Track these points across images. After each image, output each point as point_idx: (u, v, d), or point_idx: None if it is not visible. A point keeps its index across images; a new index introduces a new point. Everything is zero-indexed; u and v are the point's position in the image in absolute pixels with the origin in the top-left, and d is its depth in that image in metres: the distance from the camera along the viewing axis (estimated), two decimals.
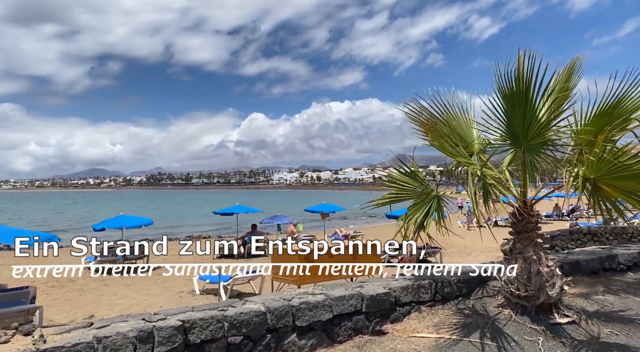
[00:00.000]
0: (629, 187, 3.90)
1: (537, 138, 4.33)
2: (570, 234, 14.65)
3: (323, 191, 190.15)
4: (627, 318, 4.81)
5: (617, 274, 6.50)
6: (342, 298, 4.49)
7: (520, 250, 4.78)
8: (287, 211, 37.31)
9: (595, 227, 14.12)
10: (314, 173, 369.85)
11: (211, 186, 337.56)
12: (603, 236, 13.57)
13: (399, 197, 5.38)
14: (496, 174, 4.23)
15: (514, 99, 4.36)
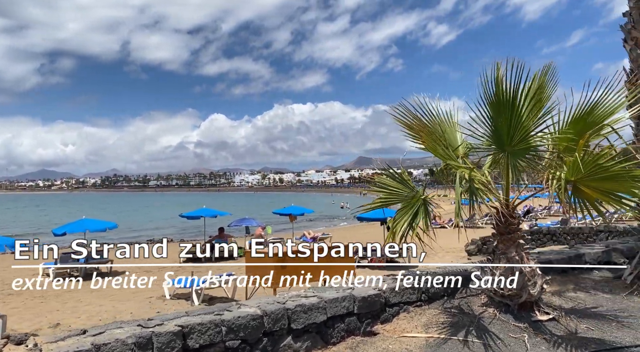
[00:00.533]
0: (608, 187, 4.16)
1: (521, 143, 4.54)
2: (530, 235, 15.34)
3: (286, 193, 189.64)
4: (599, 314, 5.11)
5: (584, 272, 6.86)
6: (336, 300, 4.54)
7: (503, 251, 4.99)
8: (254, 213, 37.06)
9: (554, 227, 14.88)
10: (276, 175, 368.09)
11: (170, 188, 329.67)
12: (561, 236, 14.31)
13: (388, 202, 5.49)
14: (483, 178, 4.40)
15: (499, 105, 4.55)
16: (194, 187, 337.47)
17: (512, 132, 4.58)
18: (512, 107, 4.46)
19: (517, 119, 4.48)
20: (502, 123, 4.63)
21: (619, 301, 5.60)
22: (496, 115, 4.70)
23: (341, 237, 25.05)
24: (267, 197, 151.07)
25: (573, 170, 4.24)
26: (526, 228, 21.01)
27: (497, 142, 4.80)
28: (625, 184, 4.00)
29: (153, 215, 60.91)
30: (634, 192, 4.05)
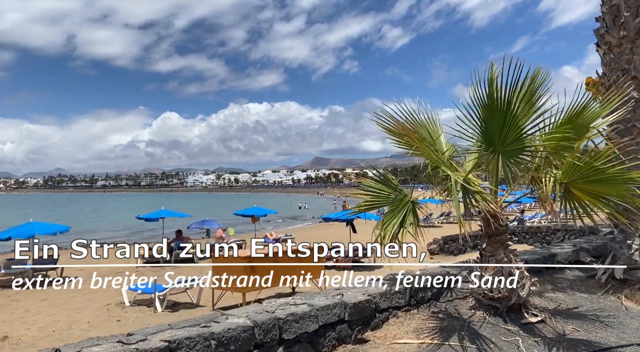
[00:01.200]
0: (598, 190, 4.19)
1: (515, 143, 4.51)
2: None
3: (242, 194, 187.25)
4: (581, 314, 5.17)
5: (557, 272, 6.99)
6: (327, 308, 4.33)
7: (491, 253, 4.95)
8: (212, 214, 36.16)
9: (512, 226, 15.31)
10: (231, 175, 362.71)
11: (119, 189, 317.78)
12: (520, 235, 14.76)
13: (375, 204, 5.35)
14: (479, 182, 4.33)
15: (492, 105, 4.50)
16: (145, 187, 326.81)
17: (505, 132, 4.54)
18: (508, 106, 4.41)
19: (512, 119, 4.44)
20: (495, 123, 4.58)
21: (597, 301, 5.71)
22: (488, 115, 4.64)
23: (304, 237, 24.81)
24: (223, 197, 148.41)
25: (567, 172, 4.25)
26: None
27: (487, 142, 4.75)
28: (617, 187, 4.04)
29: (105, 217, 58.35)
30: (624, 195, 4.10)
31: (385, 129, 5.29)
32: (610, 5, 6.12)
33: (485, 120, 4.71)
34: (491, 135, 4.70)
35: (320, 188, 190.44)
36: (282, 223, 41.72)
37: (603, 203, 4.21)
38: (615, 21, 6.08)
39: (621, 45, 6.04)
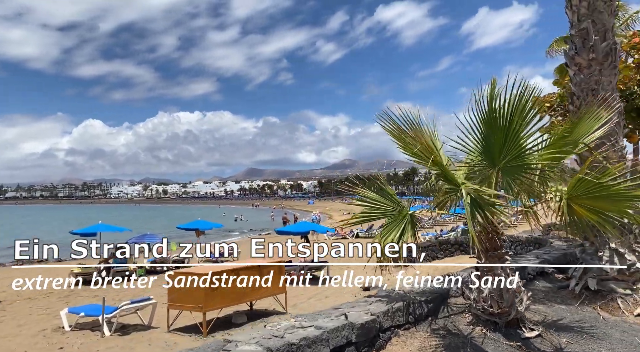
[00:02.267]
0: (598, 206, 4.31)
1: (516, 160, 4.54)
2: (439, 245, 16.16)
3: (171, 206, 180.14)
4: (568, 327, 5.30)
5: (528, 284, 7.20)
6: (336, 330, 4.07)
7: (489, 268, 4.94)
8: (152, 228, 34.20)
9: (461, 238, 15.84)
10: (159, 186, 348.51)
11: (33, 201, 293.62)
12: (468, 246, 15.25)
13: (371, 216, 5.18)
14: (492, 192, 4.29)
15: (494, 122, 4.52)
16: (64, 199, 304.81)
17: (506, 148, 4.56)
18: (510, 123, 4.44)
19: (514, 135, 4.47)
20: (496, 139, 4.60)
21: (576, 312, 5.90)
22: (489, 131, 4.66)
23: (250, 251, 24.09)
24: (153, 209, 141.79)
25: (572, 188, 4.33)
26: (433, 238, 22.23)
27: (487, 157, 4.76)
28: (619, 204, 4.17)
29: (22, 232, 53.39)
30: (624, 211, 4.24)
31: (393, 135, 5.17)
32: (580, 29, 6.47)
33: (485, 136, 4.72)
34: (491, 151, 4.71)
35: (255, 200, 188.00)
36: (216, 236, 40.35)
37: (602, 219, 4.33)
38: (584, 44, 6.44)
39: (590, 66, 6.39)
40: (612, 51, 6.35)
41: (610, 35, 6.38)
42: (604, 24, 6.34)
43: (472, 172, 5.05)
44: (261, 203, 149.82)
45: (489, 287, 4.83)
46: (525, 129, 4.46)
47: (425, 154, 4.59)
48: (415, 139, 5.04)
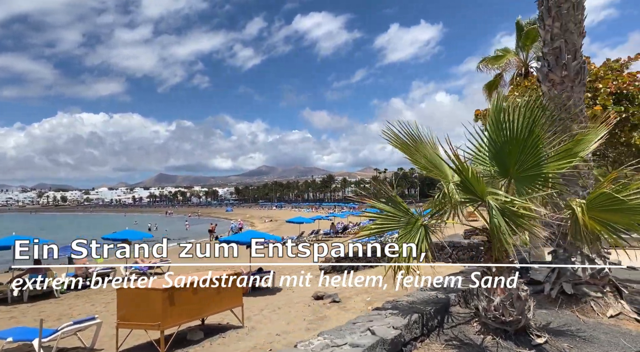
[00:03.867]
0: (609, 218, 4.53)
1: (532, 170, 4.64)
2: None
3: (71, 214, 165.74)
4: (561, 331, 5.49)
5: None
6: (372, 347, 3.84)
7: (496, 275, 4.98)
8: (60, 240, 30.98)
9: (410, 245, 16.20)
10: (57, 193, 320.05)
11: None
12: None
13: (384, 228, 5.02)
14: (525, 204, 4.31)
15: (512, 133, 4.59)
16: None
17: (522, 158, 4.65)
18: (530, 133, 4.53)
19: (533, 145, 4.56)
20: (512, 149, 4.68)
21: (558, 316, 6.17)
22: (503, 141, 4.73)
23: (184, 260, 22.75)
24: (49, 219, 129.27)
25: (592, 200, 4.50)
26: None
27: (500, 167, 4.82)
28: (631, 217, 4.38)
29: None
30: (633, 224, 4.45)
31: (396, 145, 5.09)
32: (553, 48, 6.87)
33: (499, 146, 4.78)
34: (505, 160, 4.78)
35: (168, 207, 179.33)
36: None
37: (609, 231, 4.55)
38: (557, 61, 6.84)
39: (563, 83, 6.80)
40: (582, 70, 6.82)
41: (580, 55, 6.85)
42: (574, 44, 6.79)
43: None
44: (175, 211, 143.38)
45: (501, 296, 4.86)
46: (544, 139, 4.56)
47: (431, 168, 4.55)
48: (419, 151, 5.03)
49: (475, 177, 4.33)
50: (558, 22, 6.80)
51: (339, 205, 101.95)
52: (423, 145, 5.39)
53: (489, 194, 4.38)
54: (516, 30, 17.50)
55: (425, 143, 5.40)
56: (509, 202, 4.30)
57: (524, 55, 17.40)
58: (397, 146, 5.24)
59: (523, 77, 17.02)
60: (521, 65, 17.36)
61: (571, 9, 6.75)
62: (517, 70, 17.51)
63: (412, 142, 5.36)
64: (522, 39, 16.97)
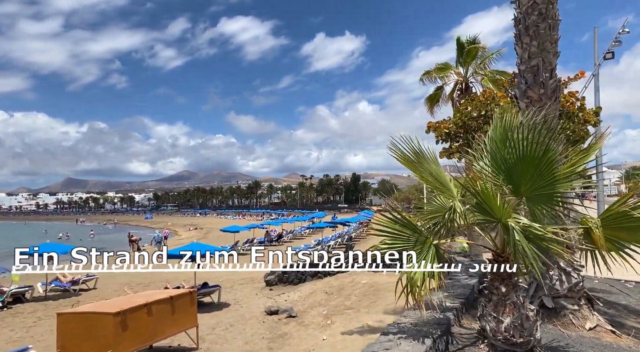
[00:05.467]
0: (616, 235, 4.57)
1: (545, 188, 4.58)
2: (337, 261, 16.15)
3: None
4: (554, 347, 5.54)
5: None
6: None
7: (504, 295, 4.87)
8: None
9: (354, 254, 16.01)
10: None
11: None
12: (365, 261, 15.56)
13: (393, 246, 4.70)
14: (550, 229, 4.18)
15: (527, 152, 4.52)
16: None
17: (535, 177, 4.58)
18: (545, 153, 4.47)
19: (547, 164, 4.51)
20: (524, 168, 4.60)
21: (543, 330, 6.13)
22: (515, 159, 4.65)
23: (110, 274, 20.80)
24: None
25: (604, 218, 4.51)
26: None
27: (511, 185, 4.73)
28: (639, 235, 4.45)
29: None
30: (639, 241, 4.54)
31: (402, 161, 4.85)
32: (531, 65, 7.02)
33: (512, 165, 4.69)
34: (516, 179, 4.70)
35: (78, 214, 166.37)
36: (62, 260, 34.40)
37: (616, 248, 4.61)
38: (535, 79, 7.00)
39: (541, 100, 6.96)
40: (557, 88, 7.04)
41: (555, 73, 7.06)
42: (550, 63, 7.00)
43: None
44: (87, 218, 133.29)
45: (511, 317, 4.75)
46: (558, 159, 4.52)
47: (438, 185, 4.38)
48: (423, 167, 4.88)
49: (495, 200, 4.17)
50: (535, 41, 6.97)
51: (267, 212, 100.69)
52: (426, 160, 5.21)
53: (510, 217, 4.23)
54: (457, 47, 18.22)
55: (428, 158, 5.22)
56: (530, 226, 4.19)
57: (464, 71, 18.16)
58: (403, 162, 5.02)
59: (464, 92, 17.73)
60: (461, 80, 18.08)
61: (547, 29, 6.94)
62: (458, 85, 18.22)
63: (416, 157, 5.17)
64: (463, 56, 17.68)
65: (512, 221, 4.23)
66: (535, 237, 4.17)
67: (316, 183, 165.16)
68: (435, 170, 5.13)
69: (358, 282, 13.97)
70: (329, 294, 13.60)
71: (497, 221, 4.39)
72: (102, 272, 21.04)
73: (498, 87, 15.14)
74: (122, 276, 20.65)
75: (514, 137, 4.70)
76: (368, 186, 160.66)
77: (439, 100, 18.64)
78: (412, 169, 5.09)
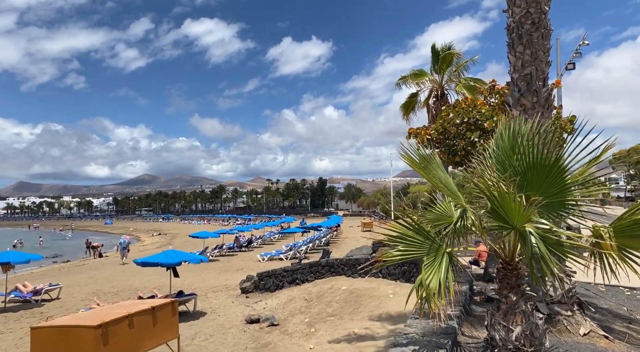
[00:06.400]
0: (624, 243, 4.60)
1: (557, 196, 4.58)
2: (310, 267, 15.91)
3: None
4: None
5: (470, 310, 7.45)
6: None
7: (513, 303, 4.83)
8: None
9: (332, 260, 15.81)
10: None
11: None
12: (339, 267, 15.36)
13: (408, 254, 4.58)
14: (575, 235, 4.15)
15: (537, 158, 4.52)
16: None
17: (546, 184, 4.58)
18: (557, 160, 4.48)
19: (558, 172, 4.51)
20: (535, 175, 4.59)
21: None
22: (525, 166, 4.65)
23: (74, 283, 19.81)
24: None
25: (618, 226, 4.53)
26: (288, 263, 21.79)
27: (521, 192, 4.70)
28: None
29: None
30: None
31: (414, 167, 4.76)
32: (524, 74, 7.11)
33: (522, 172, 4.67)
34: (527, 186, 4.67)
35: (32, 220, 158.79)
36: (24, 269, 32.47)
37: (623, 256, 4.65)
38: (529, 87, 7.09)
39: (534, 108, 7.05)
40: (549, 96, 7.14)
41: (547, 82, 7.17)
42: (543, 72, 7.10)
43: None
44: (42, 224, 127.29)
45: (522, 326, 4.71)
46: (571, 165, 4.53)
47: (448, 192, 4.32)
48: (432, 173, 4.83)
49: (515, 205, 4.11)
50: (529, 49, 7.06)
51: (233, 217, 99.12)
52: (433, 166, 5.15)
53: (529, 222, 4.19)
54: (432, 54, 18.48)
55: (435, 164, 5.16)
56: (549, 231, 4.16)
57: (439, 78, 18.41)
58: (416, 168, 4.94)
59: (439, 98, 17.96)
60: (437, 87, 18.33)
61: (540, 38, 7.05)
62: (433, 92, 18.45)
63: (424, 163, 5.10)
64: (438, 63, 17.93)
65: (530, 226, 4.18)
66: (553, 243, 4.14)
67: (282, 187, 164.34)
68: (443, 176, 5.07)
69: (338, 288, 13.82)
70: (308, 301, 13.39)
71: (512, 227, 4.34)
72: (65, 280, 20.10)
73: (473, 94, 15.43)
74: (87, 285, 19.76)
75: (523, 144, 4.69)
76: (334, 190, 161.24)
77: (414, 107, 18.81)
78: (424, 175, 5.01)
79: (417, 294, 4.43)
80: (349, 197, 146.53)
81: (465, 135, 11.32)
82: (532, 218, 4.21)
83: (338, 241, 37.87)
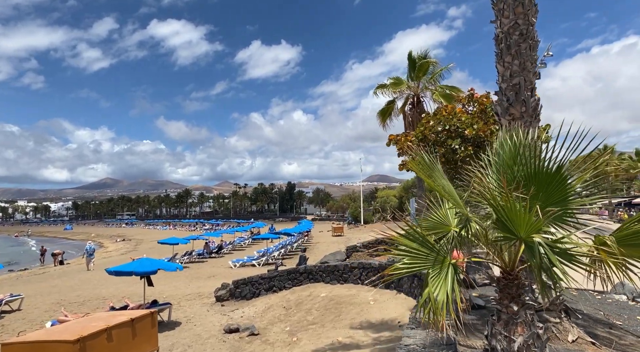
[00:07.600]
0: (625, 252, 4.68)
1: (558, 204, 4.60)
2: (287, 274, 15.69)
3: None
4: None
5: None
6: None
7: (514, 313, 4.82)
8: None
9: (310, 266, 15.64)
10: None
11: None
12: (317, 274, 15.21)
13: (414, 267, 4.49)
14: (585, 244, 4.16)
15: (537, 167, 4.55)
16: None
17: (548, 193, 4.60)
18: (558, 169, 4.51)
19: (560, 181, 4.54)
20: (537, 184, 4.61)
21: None
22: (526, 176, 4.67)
23: (36, 292, 18.78)
24: None
25: (621, 235, 4.59)
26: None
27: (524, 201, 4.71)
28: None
29: None
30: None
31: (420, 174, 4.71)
32: (512, 84, 7.20)
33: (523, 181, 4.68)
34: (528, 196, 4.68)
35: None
36: None
37: (620, 264, 4.71)
38: (517, 97, 7.18)
39: (523, 117, 7.14)
40: (537, 106, 7.26)
41: (535, 92, 7.29)
42: (530, 82, 7.22)
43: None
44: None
45: (524, 336, 4.71)
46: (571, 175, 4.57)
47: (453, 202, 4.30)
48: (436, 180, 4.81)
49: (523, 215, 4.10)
50: (517, 60, 7.16)
51: (200, 222, 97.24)
52: (437, 173, 5.10)
53: (537, 233, 4.18)
54: (408, 62, 18.65)
55: (438, 171, 5.12)
56: (557, 241, 4.17)
57: (415, 85, 18.62)
58: (422, 175, 4.89)
59: (415, 106, 18.15)
60: (413, 95, 18.52)
61: (528, 49, 7.17)
62: (410, 99, 18.64)
63: (428, 170, 5.05)
64: (415, 71, 18.12)
65: (538, 236, 4.18)
66: (561, 252, 4.15)
67: (250, 192, 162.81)
68: (447, 184, 5.02)
69: (317, 296, 13.67)
70: (287, 309, 13.17)
71: (518, 238, 4.33)
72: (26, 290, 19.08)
73: (449, 102, 15.66)
74: (51, 294, 18.84)
75: (525, 154, 4.70)
76: (303, 194, 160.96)
77: (391, 114, 18.95)
78: (430, 183, 4.96)
79: (424, 309, 4.35)
80: (317, 202, 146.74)
81: (446, 143, 11.43)
82: (542, 228, 4.21)
83: (310, 246, 37.68)
